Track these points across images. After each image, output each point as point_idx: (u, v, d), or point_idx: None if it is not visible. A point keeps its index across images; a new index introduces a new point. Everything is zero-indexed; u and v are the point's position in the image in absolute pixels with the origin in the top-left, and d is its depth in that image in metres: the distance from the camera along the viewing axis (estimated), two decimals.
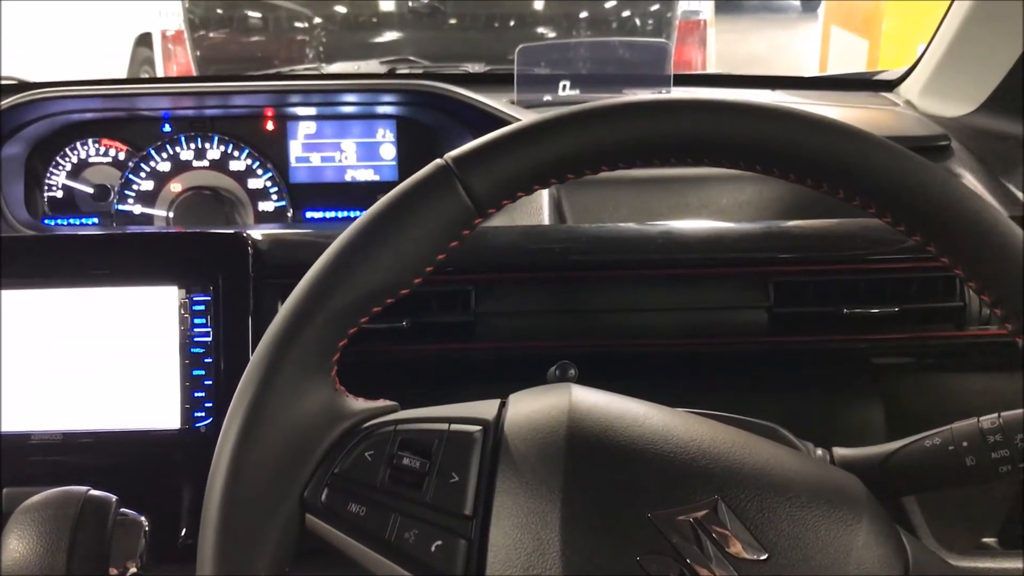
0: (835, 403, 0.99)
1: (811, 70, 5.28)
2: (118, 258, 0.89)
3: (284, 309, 0.58)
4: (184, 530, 0.92)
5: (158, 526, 0.74)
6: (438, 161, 0.59)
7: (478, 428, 0.59)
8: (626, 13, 3.47)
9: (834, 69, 4.47)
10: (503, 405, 0.63)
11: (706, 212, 1.10)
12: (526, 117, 1.19)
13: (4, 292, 0.89)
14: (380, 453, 0.58)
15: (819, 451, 0.74)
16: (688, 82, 1.39)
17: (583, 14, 3.45)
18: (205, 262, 0.89)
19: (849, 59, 4.13)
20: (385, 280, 0.58)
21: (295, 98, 1.31)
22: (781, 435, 0.72)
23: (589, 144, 0.58)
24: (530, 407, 0.61)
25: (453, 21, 3.24)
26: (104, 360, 0.89)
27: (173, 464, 0.90)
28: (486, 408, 0.62)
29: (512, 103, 1.32)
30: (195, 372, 0.88)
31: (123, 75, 4.30)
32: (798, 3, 10.77)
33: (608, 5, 3.45)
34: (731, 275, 0.94)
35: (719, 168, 0.59)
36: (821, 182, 0.56)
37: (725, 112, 0.55)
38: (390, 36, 3.16)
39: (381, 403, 0.62)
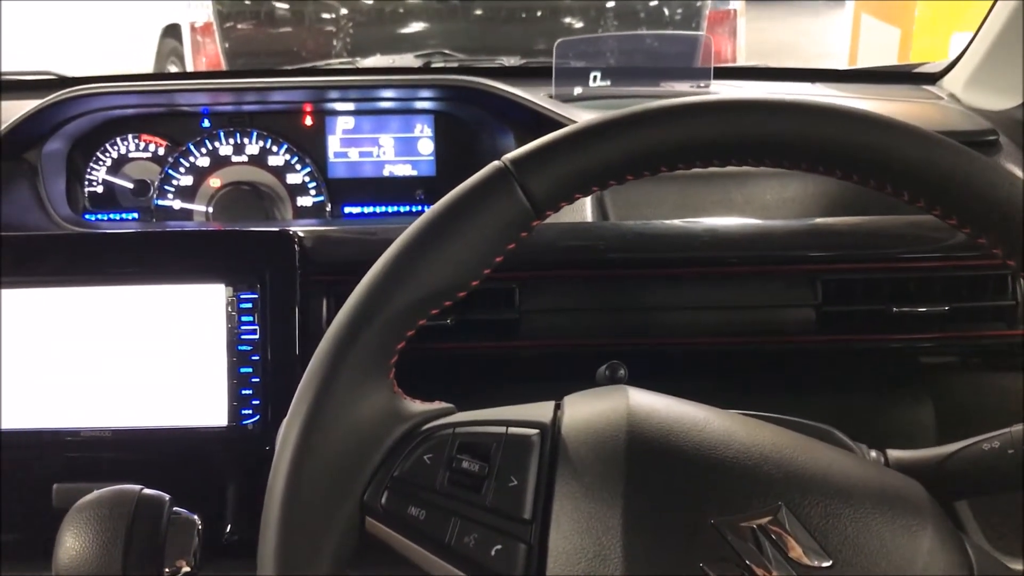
0: (884, 403, 0.98)
1: (841, 59, 5.23)
2: (165, 256, 0.90)
3: (343, 312, 0.58)
4: (229, 527, 0.92)
5: (205, 523, 0.74)
6: (496, 163, 0.59)
7: (535, 431, 0.59)
8: (655, 3, 3.45)
9: (865, 58, 4.43)
10: (558, 407, 0.62)
11: (750, 209, 1.10)
12: (568, 112, 1.20)
13: (53, 290, 0.90)
14: (439, 456, 0.57)
15: (873, 453, 0.73)
16: (726, 75, 1.37)
17: (611, 4, 3.43)
18: (251, 259, 0.89)
19: (880, 48, 4.08)
20: (443, 283, 0.58)
21: (333, 94, 1.31)
22: (836, 437, 0.72)
23: (650, 145, 0.57)
24: (587, 410, 0.60)
25: (480, 13, 3.23)
26: (152, 357, 0.89)
27: (220, 461, 0.91)
28: (542, 411, 0.61)
29: (550, 97, 1.31)
30: (242, 370, 0.89)
31: (150, 67, 4.32)
32: None
33: None
34: (778, 273, 0.93)
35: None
36: (887, 184, 0.55)
37: (800, 113, 0.54)
38: (421, 29, 3.16)
39: (438, 405, 0.62)
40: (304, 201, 1.34)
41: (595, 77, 1.36)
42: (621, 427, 0.57)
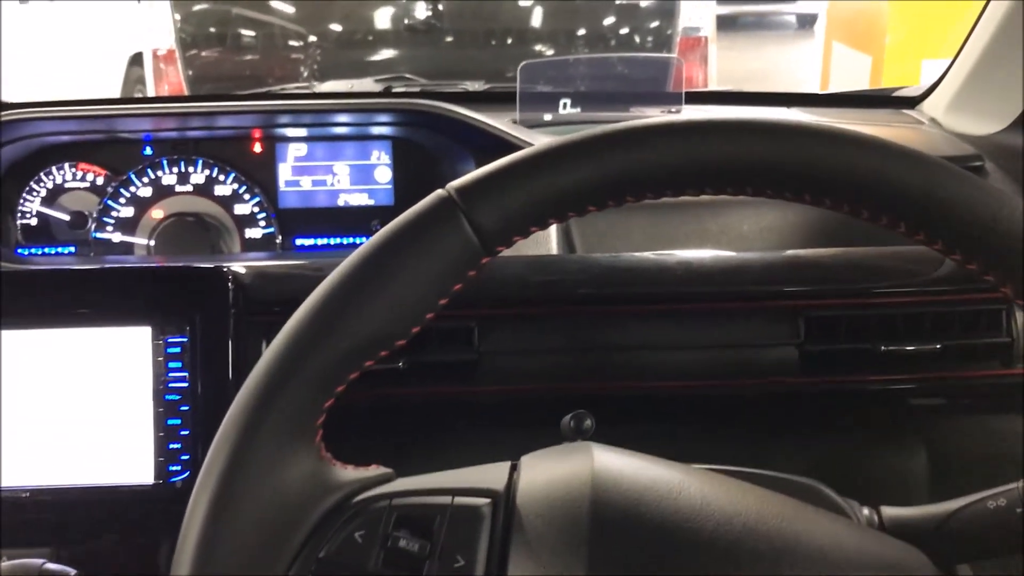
0: (872, 449, 0.91)
1: (812, 86, 5.23)
2: (86, 296, 0.81)
3: (260, 365, 0.50)
4: None
5: None
6: (439, 192, 0.51)
7: (486, 501, 0.51)
8: (625, 30, 3.42)
9: (836, 85, 4.41)
10: (514, 469, 0.55)
11: (725, 239, 1.03)
12: (531, 138, 1.13)
13: None
14: (373, 533, 0.50)
15: (865, 511, 0.66)
16: (699, 99, 1.31)
17: (581, 31, 3.40)
18: (180, 300, 0.81)
19: (852, 75, 4.07)
20: (379, 330, 0.50)
21: (284, 118, 1.24)
22: (824, 495, 0.65)
23: (615, 171, 0.50)
24: (546, 475, 0.53)
25: (449, 39, 3.18)
26: (72, 408, 0.81)
27: (147, 522, 0.82)
28: (495, 475, 0.54)
29: (515, 123, 1.24)
30: (170, 422, 0.80)
31: (118, 95, 4.23)
32: (793, 20, 10.76)
33: (607, 22, 3.40)
34: (758, 309, 0.86)
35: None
36: (881, 213, 0.49)
37: (793, 136, 0.47)
38: (385, 54, 3.10)
39: (374, 471, 0.54)
40: (253, 233, 1.26)
41: (564, 104, 1.29)
42: (584, 496, 0.50)
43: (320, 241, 1.27)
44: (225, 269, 0.83)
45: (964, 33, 1.22)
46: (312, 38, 3.26)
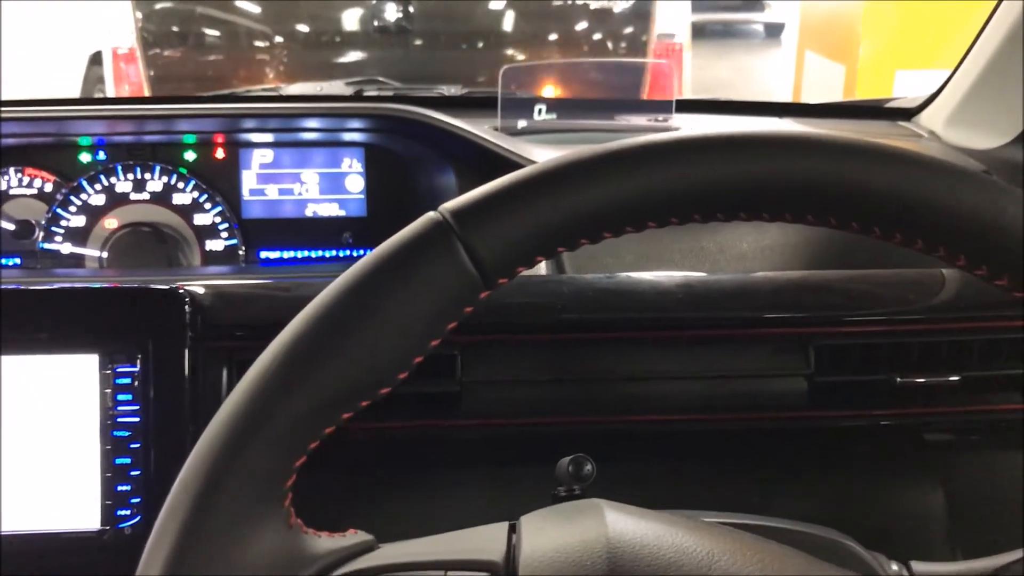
0: (886, 487, 0.84)
1: (784, 95, 5.21)
2: (24, 319, 0.73)
3: (221, 417, 0.42)
4: None
5: None
6: (432, 215, 0.44)
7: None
8: (599, 35, 3.37)
9: (809, 95, 4.39)
10: (512, 531, 0.47)
11: (724, 259, 0.96)
12: (514, 147, 1.06)
13: None
14: None
15: (894, 566, 0.60)
16: (689, 108, 1.25)
17: (555, 35, 3.34)
18: (130, 324, 0.73)
19: (825, 85, 4.05)
20: (361, 377, 0.43)
21: (249, 123, 1.16)
22: (851, 552, 0.58)
23: (638, 193, 0.43)
24: (553, 543, 0.45)
25: (419, 41, 3.10)
26: (9, 445, 0.72)
27: (92, 571, 0.74)
28: (491, 542, 0.47)
29: (495, 129, 1.17)
30: (118, 460, 0.72)
31: (78, 95, 4.10)
32: (761, 29, 10.81)
33: (581, 26, 3.35)
34: (765, 337, 0.80)
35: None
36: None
37: (845, 153, 0.41)
38: (354, 56, 3.02)
39: (351, 538, 0.46)
40: (214, 245, 1.17)
41: (540, 110, 1.22)
42: (599, 570, 0.43)
43: (287, 254, 1.19)
44: (181, 290, 0.75)
45: (936, 46, 1.17)
46: (279, 39, 3.17)
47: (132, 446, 0.72)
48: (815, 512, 0.62)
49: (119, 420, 0.72)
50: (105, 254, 1.15)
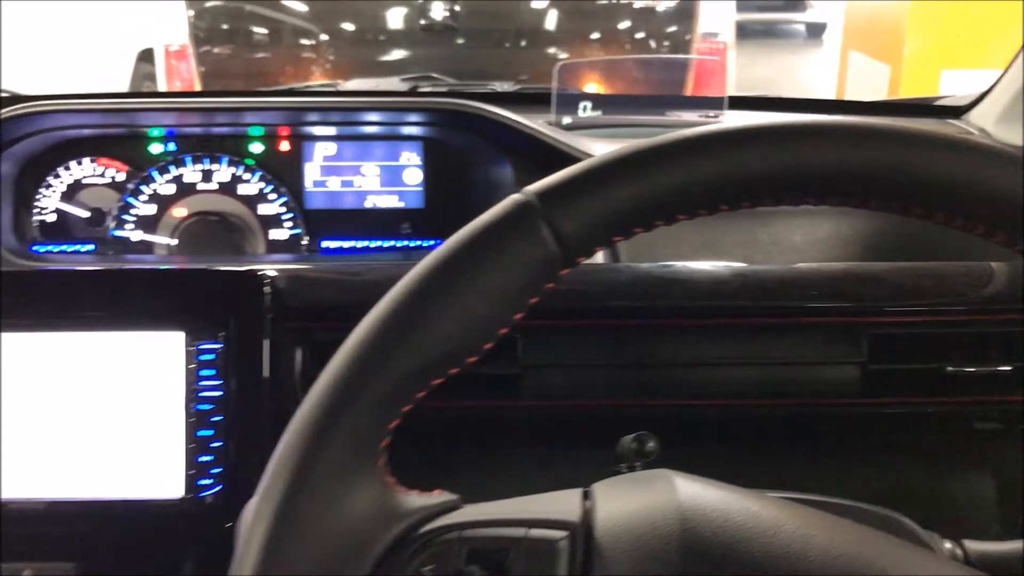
0: (937, 474, 0.86)
1: (827, 95, 5.18)
2: (115, 298, 0.77)
3: (322, 383, 0.46)
4: None
5: None
6: (517, 197, 0.47)
7: (563, 534, 0.47)
8: (643, 33, 3.38)
9: (853, 94, 4.37)
10: (587, 498, 0.50)
11: (777, 251, 0.99)
12: (570, 141, 1.09)
13: None
14: (444, 568, 0.45)
15: (947, 544, 0.62)
16: (741, 105, 1.27)
17: (597, 35, 3.36)
18: (214, 304, 0.77)
19: (869, 84, 4.03)
20: (451, 346, 0.46)
21: (313, 116, 1.20)
22: (907, 528, 0.61)
23: (712, 177, 0.46)
24: (626, 507, 0.48)
25: (465, 40, 3.14)
26: (96, 416, 0.77)
27: (172, 538, 0.78)
28: (567, 504, 0.49)
29: (550, 124, 1.20)
30: (201, 433, 0.76)
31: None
32: (803, 29, 10.73)
33: (624, 24, 3.36)
34: (818, 325, 0.82)
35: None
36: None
37: (915, 143, 0.43)
38: (402, 54, 3.06)
39: (439, 498, 0.49)
40: (278, 234, 1.22)
41: (592, 106, 1.25)
42: (672, 530, 0.46)
43: (347, 244, 1.23)
44: (261, 273, 0.79)
45: (983, 46, 1.18)
46: (327, 36, 3.22)
47: (213, 419, 0.76)
48: (865, 497, 0.64)
49: (202, 394, 0.76)
50: (174, 241, 1.19)
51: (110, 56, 4.36)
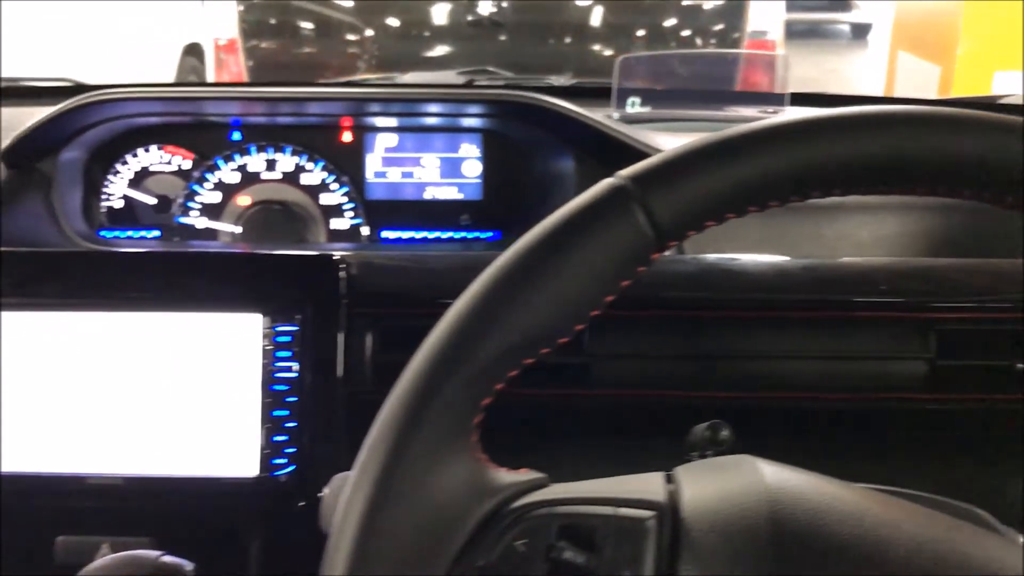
0: (1005, 472, 0.86)
1: (876, 94, 5.13)
2: (194, 280, 0.79)
3: (420, 358, 0.47)
4: None
5: None
6: (611, 180, 0.48)
7: (651, 514, 0.47)
8: (689, 32, 3.37)
9: (902, 94, 4.32)
10: (670, 481, 0.51)
11: (843, 246, 0.98)
12: (634, 133, 1.09)
13: (62, 314, 0.79)
14: (535, 543, 0.46)
15: (1022, 539, 0.62)
16: (802, 101, 1.27)
17: (643, 31, 3.36)
18: (292, 288, 0.78)
19: (918, 86, 3.99)
20: (544, 325, 0.47)
21: (375, 107, 1.21)
22: (985, 521, 0.60)
23: (810, 163, 0.46)
24: (711, 489, 0.49)
25: (513, 35, 3.15)
26: (173, 395, 0.78)
27: (246, 516, 0.80)
28: (652, 486, 0.50)
29: (609, 117, 1.21)
30: (276, 413, 0.77)
31: None
32: (847, 29, 10.63)
33: (673, 22, 3.36)
34: (886, 320, 0.82)
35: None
36: None
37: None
38: (453, 49, 3.08)
39: (527, 475, 0.50)
40: (339, 224, 1.23)
41: (636, 101, 1.25)
42: (761, 512, 0.46)
43: (406, 234, 1.24)
44: (337, 257, 0.80)
45: None
46: (373, 32, 3.25)
47: (289, 400, 0.77)
48: (932, 492, 0.64)
49: (278, 375, 0.77)
50: (238, 229, 1.21)
51: (154, 49, 4.41)
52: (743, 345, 0.83)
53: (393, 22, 3.27)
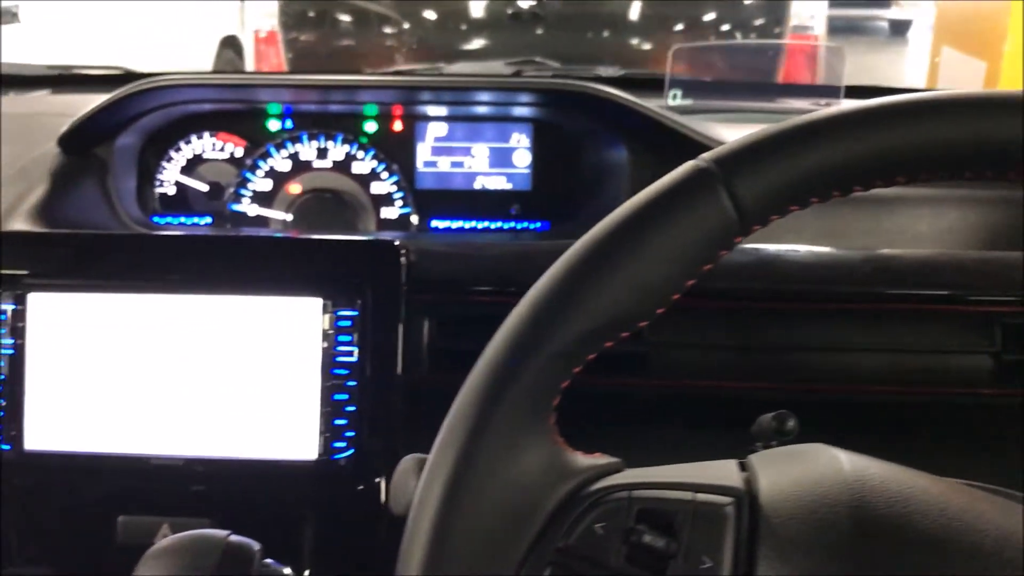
0: None
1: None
2: (256, 264, 0.79)
3: (501, 338, 0.47)
4: (308, 572, 0.81)
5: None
6: (696, 163, 0.47)
7: (730, 500, 0.47)
8: (730, 26, 3.34)
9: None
10: (743, 468, 0.51)
11: (902, 239, 0.97)
12: (691, 124, 1.08)
13: (126, 296, 0.80)
14: (614, 525, 0.46)
15: None
16: (858, 94, 1.25)
17: (681, 25, 3.33)
18: (353, 273, 0.79)
19: (963, 82, 3.93)
20: (626, 308, 0.47)
21: (427, 95, 1.21)
22: None
23: (898, 147, 0.45)
24: (789, 476, 0.48)
25: (548, 30, 3.14)
26: (234, 378, 0.79)
27: (305, 499, 0.80)
28: (728, 472, 0.50)
29: (663, 107, 1.20)
30: (336, 397, 0.78)
31: None
32: (886, 26, 10.51)
33: (713, 16, 3.33)
34: (949, 313, 0.81)
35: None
36: None
37: None
38: (493, 41, 3.07)
39: (603, 459, 0.50)
40: (389, 213, 1.24)
41: (678, 94, 1.24)
42: (842, 500, 0.45)
43: (455, 224, 1.24)
44: (397, 244, 0.80)
45: None
46: (413, 24, 3.25)
47: (349, 384, 0.78)
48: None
49: (338, 359, 0.78)
50: (289, 217, 1.22)
51: (191, 42, 4.43)
52: (802, 337, 0.82)
53: (433, 14, 3.27)
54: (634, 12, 3.25)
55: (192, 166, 1.25)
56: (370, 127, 1.23)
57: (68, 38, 3.64)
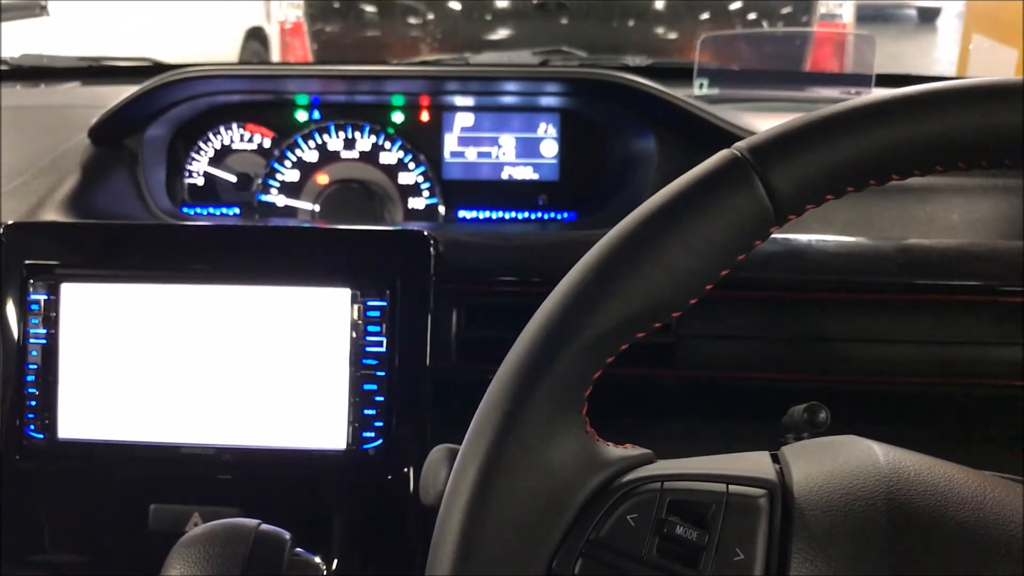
0: None
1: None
2: (286, 254, 0.80)
3: (534, 328, 0.46)
4: (336, 562, 0.82)
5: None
6: (728, 152, 0.47)
7: (762, 492, 0.47)
8: (757, 15, 3.31)
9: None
10: (775, 460, 0.50)
11: (934, 229, 0.96)
12: (720, 112, 1.07)
13: (157, 287, 0.80)
14: (646, 517, 0.46)
15: None
16: (889, 83, 1.24)
17: (706, 14, 3.31)
18: (382, 263, 0.79)
19: (994, 70, 3.88)
20: (658, 299, 0.46)
21: (454, 85, 1.21)
22: None
23: (935, 135, 0.45)
24: (823, 468, 0.48)
25: (576, 18, 3.12)
26: (264, 367, 0.79)
27: (334, 488, 0.80)
28: (760, 465, 0.49)
29: (692, 97, 1.19)
30: (366, 387, 0.78)
31: None
32: (914, 14, 10.39)
33: (738, 4, 3.30)
34: (983, 304, 0.80)
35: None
36: None
37: None
38: (519, 31, 3.06)
39: (634, 450, 0.50)
40: (416, 203, 1.24)
41: (705, 83, 1.23)
42: (878, 492, 0.45)
43: (483, 214, 1.24)
44: (426, 234, 0.80)
45: None
46: (438, 14, 3.25)
47: (378, 374, 0.78)
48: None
49: (367, 349, 0.78)
50: (317, 207, 1.22)
51: (215, 35, 4.45)
52: (833, 328, 0.81)
53: (458, 4, 3.26)
54: (660, 1, 3.23)
55: (221, 157, 1.25)
56: (397, 117, 1.23)
57: (96, 31, 3.67)
